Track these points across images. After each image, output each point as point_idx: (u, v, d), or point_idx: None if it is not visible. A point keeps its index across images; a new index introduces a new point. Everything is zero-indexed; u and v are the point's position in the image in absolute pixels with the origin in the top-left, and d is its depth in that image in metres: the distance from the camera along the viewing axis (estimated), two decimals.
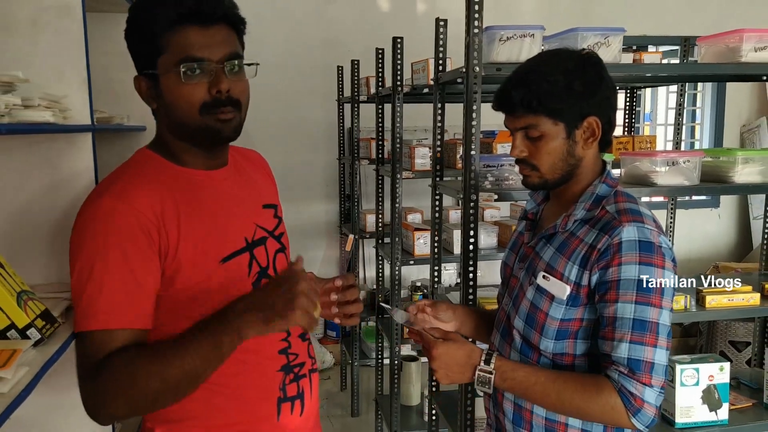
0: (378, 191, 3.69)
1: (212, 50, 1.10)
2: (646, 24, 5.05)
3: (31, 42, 1.47)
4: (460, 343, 1.35)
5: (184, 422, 1.17)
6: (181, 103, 1.11)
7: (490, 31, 1.99)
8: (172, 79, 1.10)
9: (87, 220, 1.08)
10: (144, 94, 1.16)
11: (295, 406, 1.24)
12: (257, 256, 1.20)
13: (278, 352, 1.23)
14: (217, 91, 1.10)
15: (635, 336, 1.20)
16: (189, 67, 1.08)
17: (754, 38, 2.12)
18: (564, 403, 1.26)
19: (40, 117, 1.22)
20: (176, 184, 1.15)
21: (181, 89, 1.10)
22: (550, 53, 1.37)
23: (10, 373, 1.01)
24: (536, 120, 1.27)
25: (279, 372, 1.22)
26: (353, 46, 4.51)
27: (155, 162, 1.18)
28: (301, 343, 1.28)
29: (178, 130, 1.16)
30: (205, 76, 1.10)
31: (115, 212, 1.06)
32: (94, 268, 1.05)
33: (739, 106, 5.55)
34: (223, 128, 1.14)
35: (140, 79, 1.15)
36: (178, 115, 1.13)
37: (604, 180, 1.33)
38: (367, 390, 4.40)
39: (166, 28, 1.09)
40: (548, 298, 1.30)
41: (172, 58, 1.09)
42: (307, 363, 1.28)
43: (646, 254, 1.21)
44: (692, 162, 2.12)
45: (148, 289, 1.08)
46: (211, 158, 1.21)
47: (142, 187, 1.10)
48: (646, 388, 1.19)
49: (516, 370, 1.30)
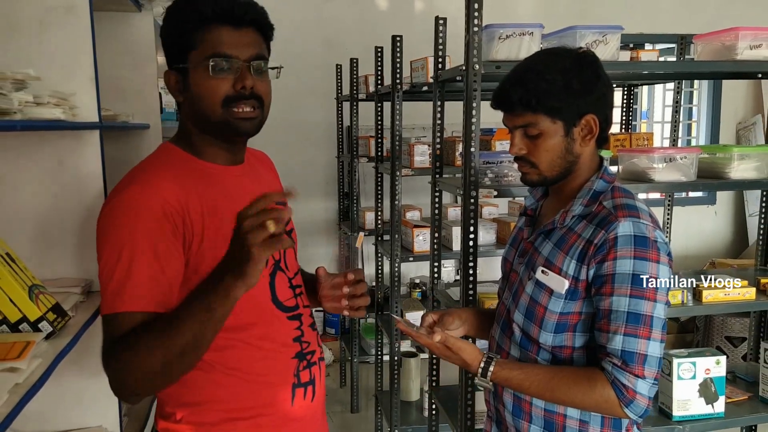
0: (377, 189, 3.71)
1: (240, 49, 1.16)
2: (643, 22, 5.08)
3: (38, 41, 1.49)
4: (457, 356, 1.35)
5: (202, 406, 1.21)
6: (206, 96, 1.17)
7: (490, 29, 2.01)
8: (201, 73, 1.17)
9: (115, 209, 1.12)
10: (172, 88, 1.23)
11: (308, 392, 1.29)
12: None
13: (293, 340, 1.28)
14: (242, 87, 1.16)
15: (629, 328, 1.23)
16: (217, 63, 1.15)
17: (749, 36, 2.14)
18: (560, 401, 1.31)
19: (50, 114, 1.24)
20: (199, 177, 1.20)
21: (208, 82, 1.16)
22: (548, 52, 1.40)
23: (24, 363, 1.04)
24: (535, 118, 1.30)
25: (293, 359, 1.27)
26: (352, 44, 4.53)
27: (178, 156, 1.23)
28: (312, 332, 1.34)
29: (202, 123, 1.21)
30: (232, 73, 1.16)
31: (142, 201, 1.11)
32: (121, 254, 1.08)
33: (735, 104, 5.58)
34: (242, 124, 1.19)
35: (170, 73, 1.22)
36: (202, 107, 1.18)
37: (602, 176, 1.35)
38: (366, 386, 4.43)
39: (200, 25, 1.16)
40: (547, 292, 1.32)
41: (203, 53, 1.16)
42: (317, 351, 1.34)
43: (641, 249, 1.23)
44: (689, 158, 2.15)
45: (171, 275, 1.12)
46: (230, 153, 1.26)
47: (168, 179, 1.15)
48: (638, 380, 1.22)
49: (510, 380, 1.33)
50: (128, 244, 1.09)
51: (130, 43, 2.22)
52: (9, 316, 1.19)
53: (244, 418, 1.22)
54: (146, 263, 1.08)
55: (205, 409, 1.21)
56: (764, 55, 2.16)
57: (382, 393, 3.65)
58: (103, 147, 1.56)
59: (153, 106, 2.31)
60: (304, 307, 1.34)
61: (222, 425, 1.22)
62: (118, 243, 1.09)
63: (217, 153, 1.24)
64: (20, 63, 1.41)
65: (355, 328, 4.28)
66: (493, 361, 1.34)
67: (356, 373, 4.18)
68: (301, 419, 1.29)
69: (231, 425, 1.22)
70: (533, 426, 1.37)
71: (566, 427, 1.34)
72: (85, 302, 1.49)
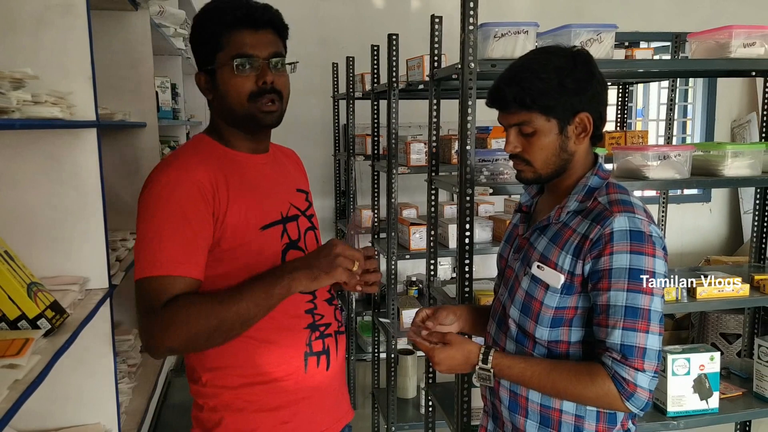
0: (374, 187, 3.72)
1: (260, 49, 1.31)
2: (639, 20, 5.10)
3: (36, 39, 1.49)
4: (458, 346, 1.38)
5: (223, 370, 1.34)
6: (232, 92, 1.32)
7: (485, 28, 2.02)
8: (227, 72, 1.31)
9: (154, 187, 1.27)
10: (202, 87, 1.37)
11: (321, 361, 1.41)
12: (288, 230, 1.39)
13: (305, 312, 1.39)
14: (263, 82, 1.31)
15: (627, 323, 1.24)
16: (241, 62, 1.30)
17: (742, 34, 2.16)
18: (560, 393, 1.31)
19: (48, 113, 1.25)
20: (226, 162, 1.35)
21: (233, 80, 1.31)
22: (542, 51, 1.41)
23: (24, 360, 1.05)
24: (529, 117, 1.31)
25: (305, 329, 1.39)
26: (348, 43, 4.54)
27: (209, 144, 1.39)
28: (328, 306, 1.45)
29: (229, 117, 1.36)
30: (254, 71, 1.31)
31: (178, 180, 1.26)
32: (159, 226, 1.23)
33: (730, 102, 5.61)
34: (265, 117, 1.34)
35: (200, 74, 1.36)
36: (229, 103, 1.33)
37: (596, 172, 1.36)
38: (363, 384, 4.44)
39: (224, 30, 1.31)
40: (543, 287, 1.34)
41: (228, 54, 1.31)
42: (333, 324, 1.45)
43: (637, 243, 1.25)
44: (683, 156, 2.16)
45: (203, 245, 1.26)
46: (255, 143, 1.41)
47: (200, 162, 1.30)
48: (638, 373, 1.23)
49: (512, 367, 1.34)
50: (166, 218, 1.23)
51: (127, 41, 2.23)
52: (8, 313, 1.20)
53: (260, 383, 1.35)
54: (181, 234, 1.23)
55: (226, 373, 1.34)
56: (758, 53, 2.18)
57: (378, 391, 3.67)
58: (100, 145, 1.57)
59: (149, 105, 2.31)
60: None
61: (241, 389, 1.34)
62: (157, 215, 1.24)
63: (242, 143, 1.39)
64: (18, 61, 1.42)
65: (352, 326, 4.29)
66: (493, 350, 1.36)
67: (353, 371, 4.20)
68: (317, 388, 1.41)
69: (249, 389, 1.35)
70: (529, 421, 1.38)
71: (562, 422, 1.35)
72: (83, 300, 1.50)
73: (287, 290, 1.25)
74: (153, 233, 1.23)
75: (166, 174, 1.27)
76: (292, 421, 1.38)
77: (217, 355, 1.32)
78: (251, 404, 1.35)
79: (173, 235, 1.22)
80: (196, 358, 1.36)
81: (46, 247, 1.55)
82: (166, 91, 2.73)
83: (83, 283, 1.54)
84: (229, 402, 1.35)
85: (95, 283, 1.58)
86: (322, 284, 1.27)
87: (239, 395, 1.34)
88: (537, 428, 1.37)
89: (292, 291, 1.26)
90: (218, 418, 1.35)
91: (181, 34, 3.10)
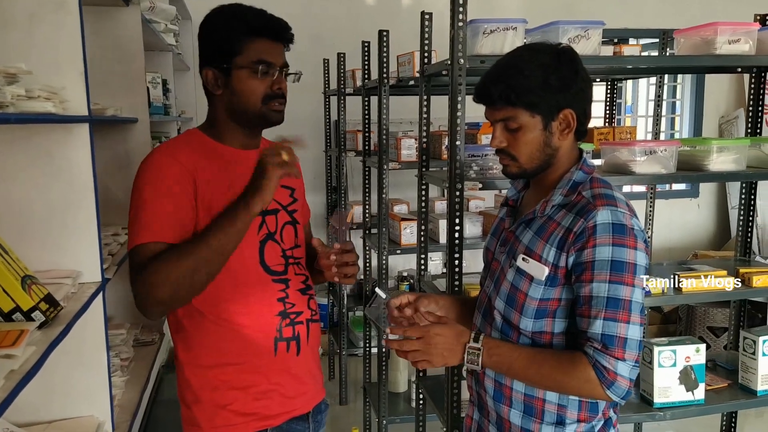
0: (365, 182, 3.73)
1: (276, 58, 1.48)
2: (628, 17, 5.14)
3: (28, 35, 1.50)
4: (451, 324, 1.41)
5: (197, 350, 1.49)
6: (249, 93, 1.46)
7: (474, 25, 2.04)
8: (246, 74, 1.45)
9: (143, 170, 1.43)
10: (210, 83, 1.49)
11: (291, 347, 1.53)
12: (267, 222, 1.52)
13: (277, 300, 1.52)
14: (278, 88, 1.48)
15: (609, 313, 1.27)
16: (263, 69, 1.45)
17: (727, 31, 2.19)
18: (543, 377, 1.33)
19: (42, 108, 1.25)
20: (213, 154, 1.49)
21: (251, 82, 1.46)
22: (528, 48, 1.43)
23: (20, 351, 1.06)
24: (514, 112, 1.34)
25: (276, 316, 1.51)
26: (339, 39, 4.54)
27: (199, 137, 1.53)
28: (301, 296, 1.57)
29: (237, 114, 1.49)
30: (270, 76, 1.47)
31: (164, 163, 1.43)
32: (147, 201, 1.39)
33: (718, 98, 5.66)
34: (275, 116, 1.51)
35: (209, 70, 1.48)
36: (242, 101, 1.47)
37: (581, 167, 1.39)
38: (355, 379, 4.46)
39: (248, 35, 1.45)
40: (528, 279, 1.36)
41: (248, 58, 1.45)
42: (305, 312, 1.56)
43: (619, 236, 1.28)
44: (669, 151, 2.19)
45: (188, 217, 1.40)
46: (249, 138, 1.54)
47: (186, 150, 1.46)
48: (618, 362, 1.26)
49: (500, 346, 1.37)
50: (153, 193, 1.39)
51: (118, 37, 2.23)
52: (2, 306, 1.21)
53: (231, 363, 1.48)
54: (167, 206, 1.38)
55: (201, 353, 1.49)
56: (742, 50, 2.21)
57: (370, 385, 3.69)
58: (92, 140, 1.58)
59: (141, 101, 2.31)
60: (296, 275, 1.57)
61: (215, 369, 1.48)
62: (144, 192, 1.39)
63: (237, 138, 1.52)
64: (11, 57, 1.43)
65: (343, 322, 4.31)
66: (482, 334, 1.38)
67: (345, 365, 4.22)
68: (287, 370, 1.53)
69: (221, 369, 1.48)
70: (513, 410, 1.41)
71: (545, 411, 1.38)
72: (76, 293, 1.51)
73: (246, 211, 1.35)
74: (142, 207, 1.38)
75: (154, 159, 1.44)
76: (264, 399, 1.50)
77: (191, 334, 1.48)
78: (224, 383, 1.49)
79: (161, 207, 1.37)
80: (178, 337, 1.51)
81: (39, 241, 1.55)
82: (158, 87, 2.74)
83: (76, 276, 1.55)
84: (206, 381, 1.49)
85: (88, 277, 1.59)
86: (268, 190, 1.35)
87: (213, 374, 1.49)
88: (521, 417, 1.40)
89: (252, 211, 1.35)
90: (197, 395, 1.50)
91: (171, 30, 3.10)
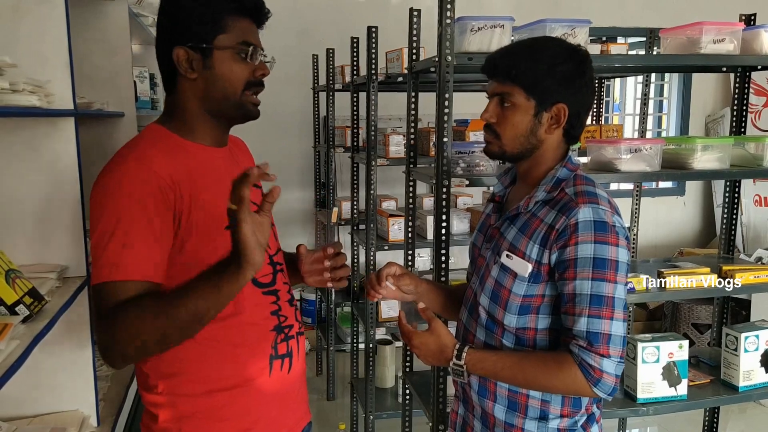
0: (353, 179, 3.74)
1: (258, 41, 1.29)
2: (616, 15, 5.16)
3: (12, 28, 1.49)
4: (435, 337, 1.41)
5: (180, 377, 1.25)
6: (230, 77, 1.26)
7: (462, 22, 2.05)
8: (229, 55, 1.25)
9: (108, 182, 1.16)
10: (182, 65, 1.25)
11: (284, 364, 1.35)
12: None
13: (270, 314, 1.33)
14: (262, 74, 1.29)
15: (593, 310, 1.28)
16: (249, 50, 1.26)
17: (713, 31, 2.21)
18: (530, 382, 1.35)
19: (27, 101, 1.25)
20: (187, 155, 1.26)
21: (236, 65, 1.25)
22: (549, 38, 1.50)
23: (3, 344, 1.06)
24: (512, 89, 1.36)
25: (272, 332, 1.33)
26: (328, 34, 4.54)
27: (166, 136, 1.28)
28: (290, 307, 1.39)
29: (212, 102, 1.27)
30: (254, 60, 1.27)
31: (135, 174, 1.16)
32: (117, 225, 1.12)
33: (704, 97, 5.69)
34: (253, 110, 1.31)
35: (182, 49, 1.24)
36: (222, 87, 1.26)
37: (565, 164, 1.40)
38: (342, 374, 4.47)
39: (232, 13, 1.24)
40: (511, 275, 1.37)
41: (233, 39, 1.24)
42: (295, 326, 1.40)
43: (601, 233, 1.29)
44: (654, 149, 2.21)
45: (164, 245, 1.17)
46: (220, 134, 1.34)
47: (158, 155, 1.21)
48: (604, 359, 1.27)
49: (484, 361, 1.38)
50: (125, 216, 1.13)
51: (104, 31, 2.22)
52: None
53: (223, 389, 1.27)
54: (142, 234, 1.13)
55: (185, 380, 1.25)
56: (727, 49, 2.23)
57: (357, 380, 3.69)
58: (78, 134, 1.57)
59: (127, 95, 2.31)
60: (283, 284, 1.39)
61: (202, 397, 1.26)
62: (114, 214, 1.13)
63: (207, 134, 1.30)
64: None
65: (331, 317, 4.31)
66: (467, 347, 1.40)
67: (332, 361, 4.22)
68: (278, 391, 1.35)
69: (209, 397, 1.26)
70: (497, 405, 1.42)
71: (528, 406, 1.39)
72: (60, 288, 1.51)
73: (234, 282, 1.07)
74: (110, 234, 1.12)
75: (122, 169, 1.17)
76: (254, 428, 1.31)
77: (176, 360, 1.23)
78: (212, 413, 1.27)
79: (133, 235, 1.12)
80: (152, 364, 1.25)
81: (24, 235, 1.55)
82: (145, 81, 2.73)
83: (61, 271, 1.55)
84: (188, 411, 1.26)
85: (73, 271, 1.59)
86: (253, 256, 1.05)
87: (199, 403, 1.26)
88: (505, 412, 1.41)
89: (242, 279, 1.07)
90: (176, 429, 1.26)
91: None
